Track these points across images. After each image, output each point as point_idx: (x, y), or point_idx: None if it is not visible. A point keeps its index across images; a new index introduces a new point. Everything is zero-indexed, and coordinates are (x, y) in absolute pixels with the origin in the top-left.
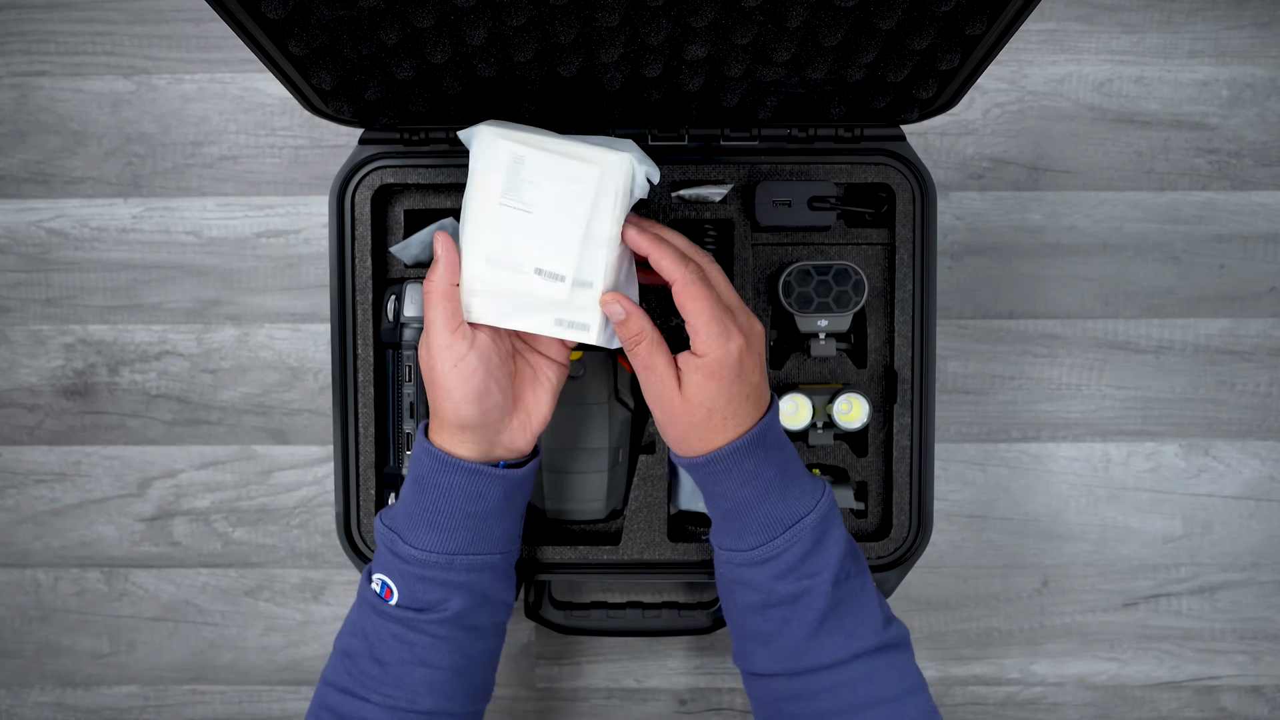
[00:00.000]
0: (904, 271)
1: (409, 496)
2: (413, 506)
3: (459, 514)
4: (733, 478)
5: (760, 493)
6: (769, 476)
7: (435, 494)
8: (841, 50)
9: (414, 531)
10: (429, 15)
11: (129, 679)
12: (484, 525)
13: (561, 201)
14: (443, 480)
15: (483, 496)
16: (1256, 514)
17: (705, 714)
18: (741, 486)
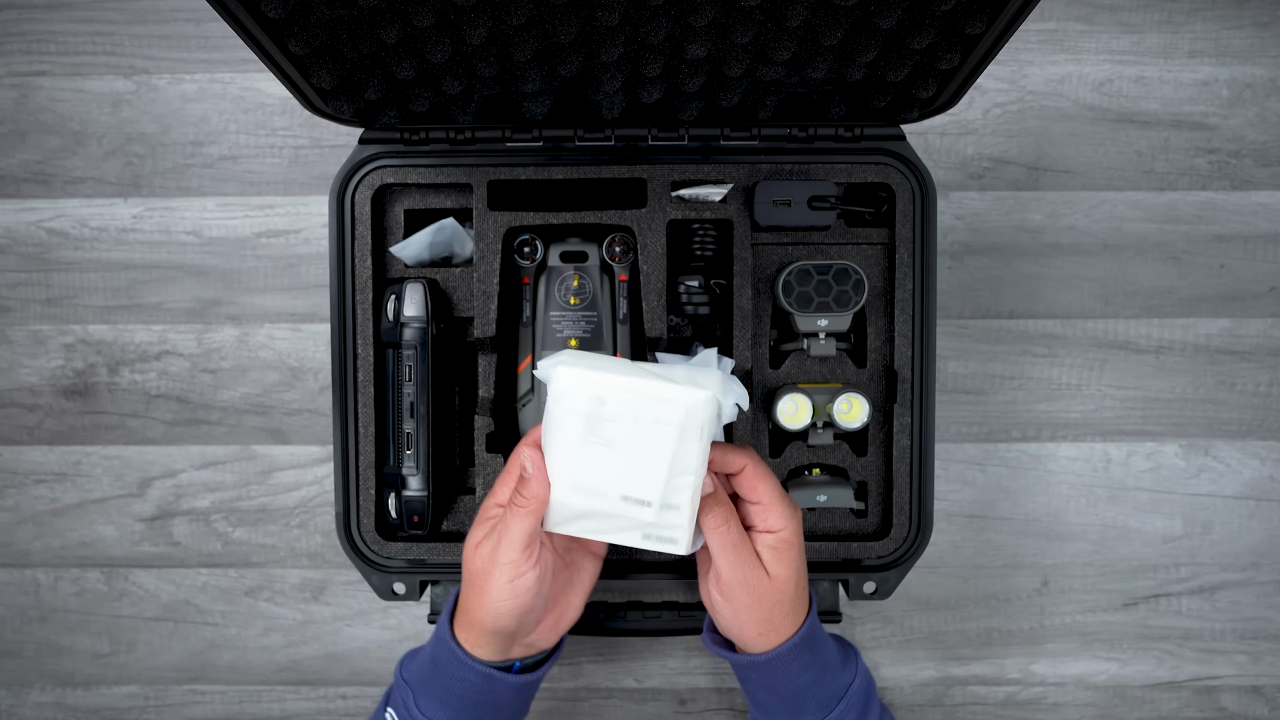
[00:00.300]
0: (904, 271)
1: (426, 664)
2: (429, 677)
3: (469, 701)
4: (794, 668)
5: (818, 677)
6: (825, 659)
7: (449, 680)
8: (841, 50)
9: (426, 699)
10: (429, 15)
11: (129, 679)
12: (492, 711)
13: (646, 440)
14: (457, 673)
15: (494, 693)
16: (1256, 514)
17: (705, 714)
18: (802, 674)
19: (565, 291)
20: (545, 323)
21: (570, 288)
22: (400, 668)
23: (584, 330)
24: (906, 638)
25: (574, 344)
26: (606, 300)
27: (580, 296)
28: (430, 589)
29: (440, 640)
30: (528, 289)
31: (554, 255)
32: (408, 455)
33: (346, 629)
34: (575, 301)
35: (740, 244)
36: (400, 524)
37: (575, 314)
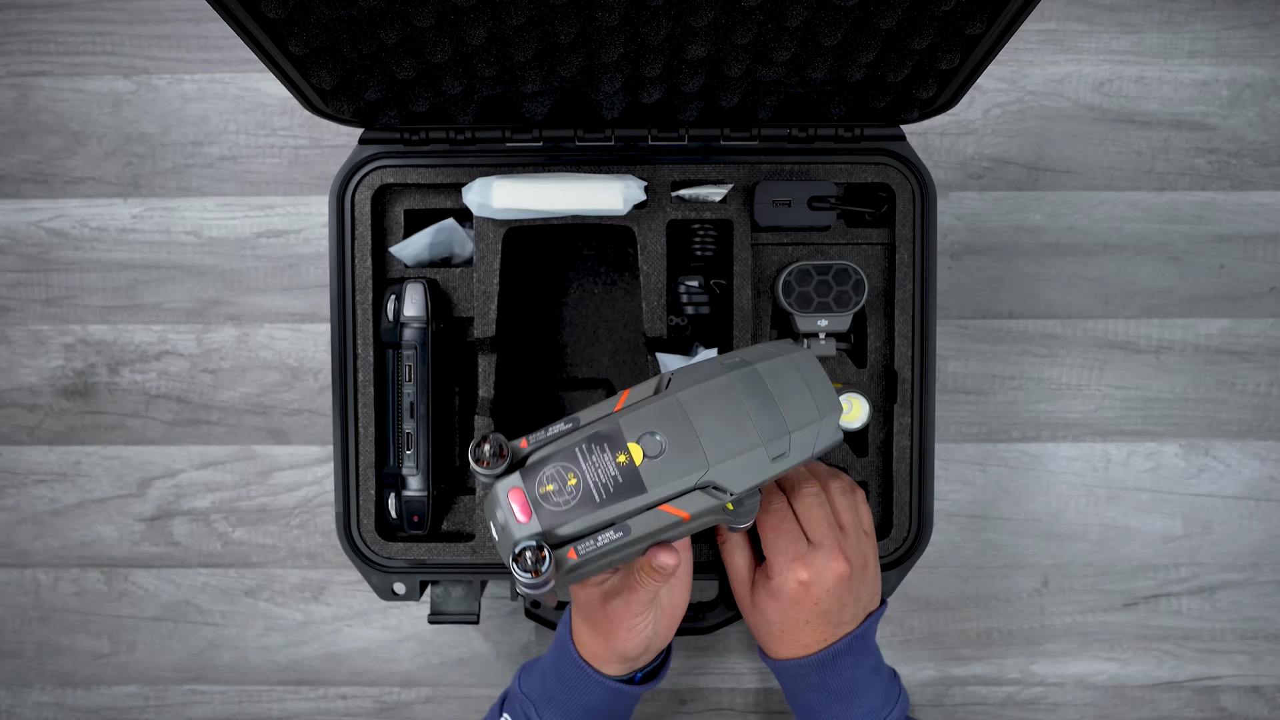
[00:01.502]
0: (904, 271)
1: (550, 680)
2: (554, 691)
3: (594, 712)
4: (798, 685)
5: (823, 702)
6: (835, 688)
7: (577, 694)
8: (841, 50)
9: (550, 712)
10: (429, 15)
11: (129, 679)
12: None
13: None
14: (585, 688)
15: (620, 705)
16: (1256, 514)
17: (705, 714)
18: (807, 693)
19: (567, 495)
20: (611, 505)
21: (556, 492)
22: (518, 680)
23: (603, 452)
24: (906, 638)
25: (625, 460)
26: (555, 440)
27: (566, 472)
28: (430, 589)
29: (567, 658)
30: (585, 548)
31: (522, 530)
32: (408, 455)
33: (346, 629)
34: (574, 478)
35: (740, 244)
36: (400, 524)
37: (585, 471)
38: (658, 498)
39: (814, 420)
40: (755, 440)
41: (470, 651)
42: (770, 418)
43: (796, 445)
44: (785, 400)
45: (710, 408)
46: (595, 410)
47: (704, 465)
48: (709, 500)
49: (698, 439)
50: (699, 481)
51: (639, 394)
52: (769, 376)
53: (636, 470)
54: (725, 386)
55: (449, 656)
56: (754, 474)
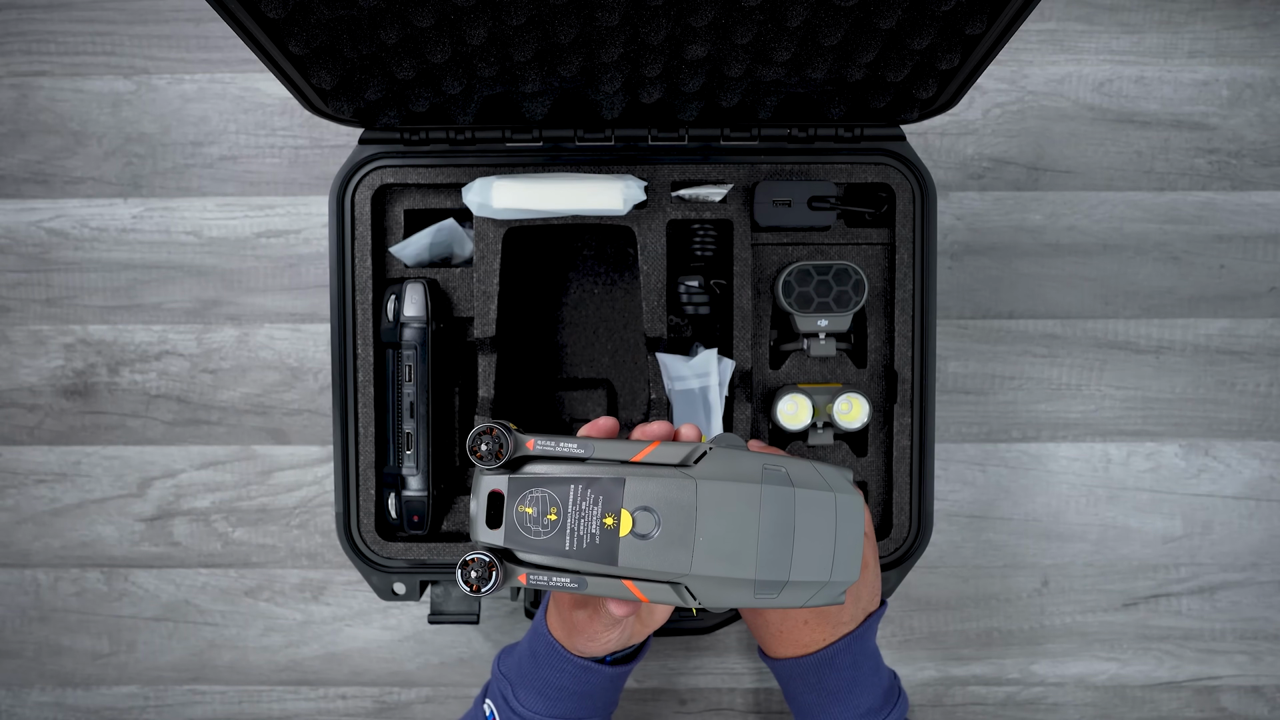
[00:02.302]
0: (904, 271)
1: (525, 658)
2: (528, 670)
3: (566, 691)
4: (796, 685)
5: (821, 701)
6: (833, 688)
7: (548, 672)
8: (841, 50)
9: (525, 691)
10: (429, 15)
11: (129, 679)
12: (588, 701)
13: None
14: (556, 664)
15: (590, 683)
16: (1256, 514)
17: (705, 714)
18: (806, 693)
19: (540, 527)
20: (579, 556)
21: (534, 519)
22: (498, 662)
23: (595, 502)
24: (906, 638)
25: (613, 523)
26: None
27: (548, 505)
28: (430, 589)
29: (539, 635)
30: (536, 580)
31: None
32: (408, 455)
33: (346, 629)
34: (555, 514)
35: (740, 244)
36: (400, 524)
37: (569, 512)
38: (624, 574)
39: (820, 581)
40: (747, 572)
41: (470, 651)
42: (776, 558)
43: (787, 594)
44: (803, 545)
45: (723, 515)
46: (613, 448)
47: (685, 570)
48: (673, 597)
49: (693, 541)
50: (671, 579)
51: (666, 454)
52: (802, 510)
53: (617, 541)
54: (750, 498)
55: (449, 656)
56: (730, 599)
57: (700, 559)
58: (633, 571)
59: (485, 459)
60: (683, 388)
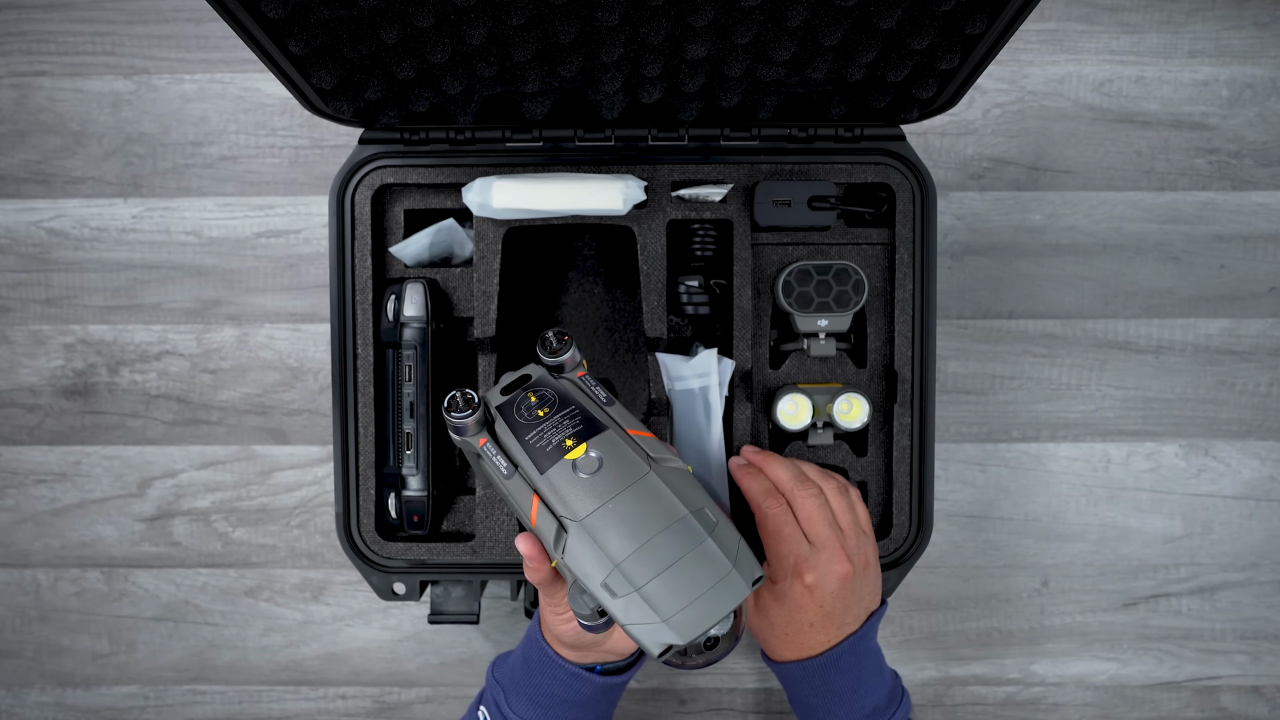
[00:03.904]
0: (904, 271)
1: (518, 665)
2: (520, 677)
3: (557, 699)
4: (801, 687)
5: (827, 703)
6: (838, 689)
7: (540, 679)
8: (841, 50)
9: (518, 698)
10: (429, 15)
11: (129, 679)
12: (578, 711)
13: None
14: (548, 671)
15: (580, 692)
16: (1256, 514)
17: (705, 714)
18: (811, 695)
19: (528, 413)
20: (529, 449)
21: (530, 405)
22: (492, 669)
23: (574, 427)
24: (906, 638)
25: (571, 445)
26: (578, 392)
27: (546, 404)
28: (430, 589)
29: (532, 642)
30: (488, 448)
31: (495, 398)
32: (408, 455)
33: (346, 629)
34: (544, 412)
35: (740, 244)
36: (400, 524)
37: (553, 419)
38: (539, 488)
39: (660, 614)
40: (616, 556)
41: (470, 651)
42: (644, 566)
43: (625, 604)
44: (672, 577)
45: (641, 505)
46: (625, 416)
47: (578, 516)
48: (549, 535)
49: (604, 503)
50: (561, 517)
51: (650, 445)
52: (696, 554)
53: (559, 459)
54: (670, 513)
55: (449, 656)
56: (583, 568)
57: (596, 518)
58: (546, 490)
59: (553, 348)
60: (683, 388)
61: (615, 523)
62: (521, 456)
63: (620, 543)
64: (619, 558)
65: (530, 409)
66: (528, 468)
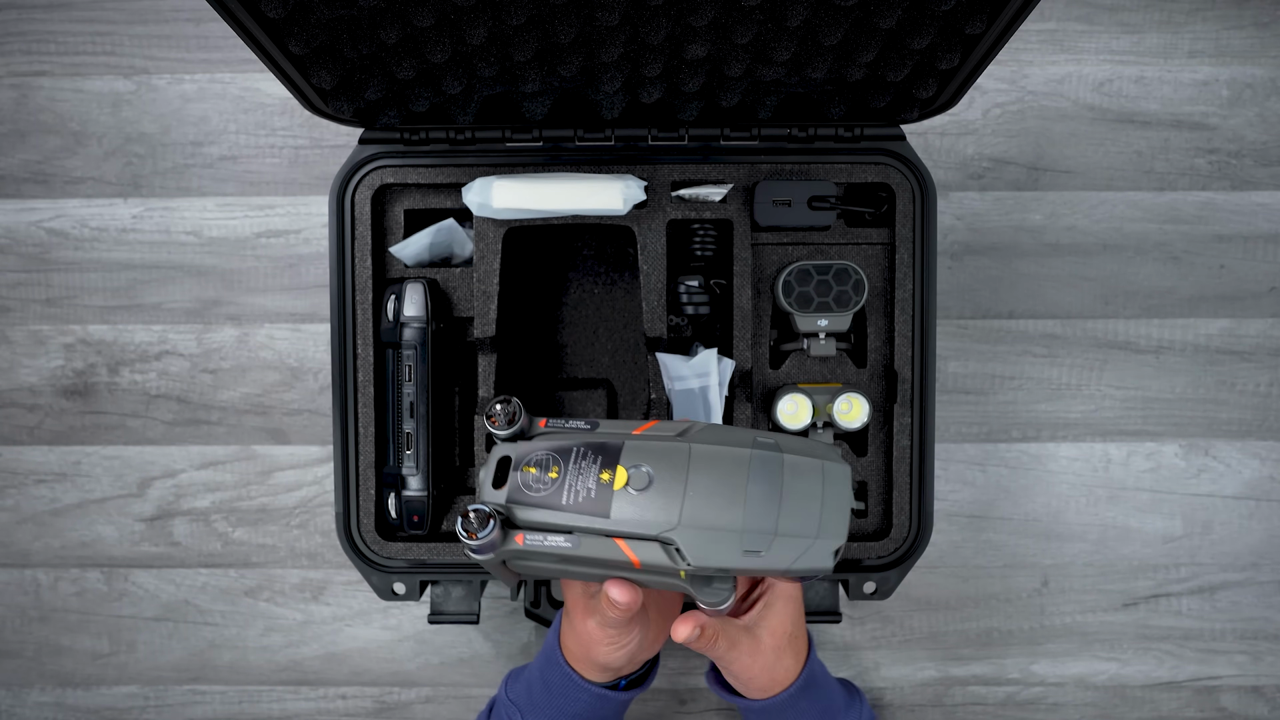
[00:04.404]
0: (904, 271)
1: (536, 686)
2: (540, 699)
3: (578, 719)
4: (792, 714)
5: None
6: (826, 705)
7: (562, 701)
8: (841, 50)
9: (535, 718)
10: (429, 14)
11: (129, 679)
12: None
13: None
14: (571, 694)
15: (604, 711)
16: (1256, 514)
17: (705, 714)
18: (800, 718)
19: (542, 484)
20: (575, 508)
21: (535, 477)
22: (505, 688)
23: (595, 462)
24: (906, 638)
25: (609, 477)
26: (562, 437)
27: (551, 465)
28: (430, 589)
29: (553, 664)
30: (533, 539)
31: (495, 496)
32: (408, 455)
33: (346, 629)
34: (556, 472)
35: (740, 244)
36: (400, 524)
37: (569, 471)
38: (616, 530)
39: (807, 536)
40: (735, 524)
41: (470, 651)
42: (763, 512)
43: (776, 551)
44: (791, 502)
45: (713, 472)
46: (617, 424)
47: (673, 523)
48: (663, 558)
49: (682, 495)
50: (661, 535)
51: (664, 428)
52: (790, 472)
53: (611, 494)
54: (740, 460)
55: (449, 656)
56: (718, 556)
57: (689, 511)
58: (624, 525)
59: (499, 424)
60: (683, 388)
61: (707, 503)
62: (573, 519)
63: (728, 513)
64: (739, 524)
65: (539, 480)
66: (588, 523)
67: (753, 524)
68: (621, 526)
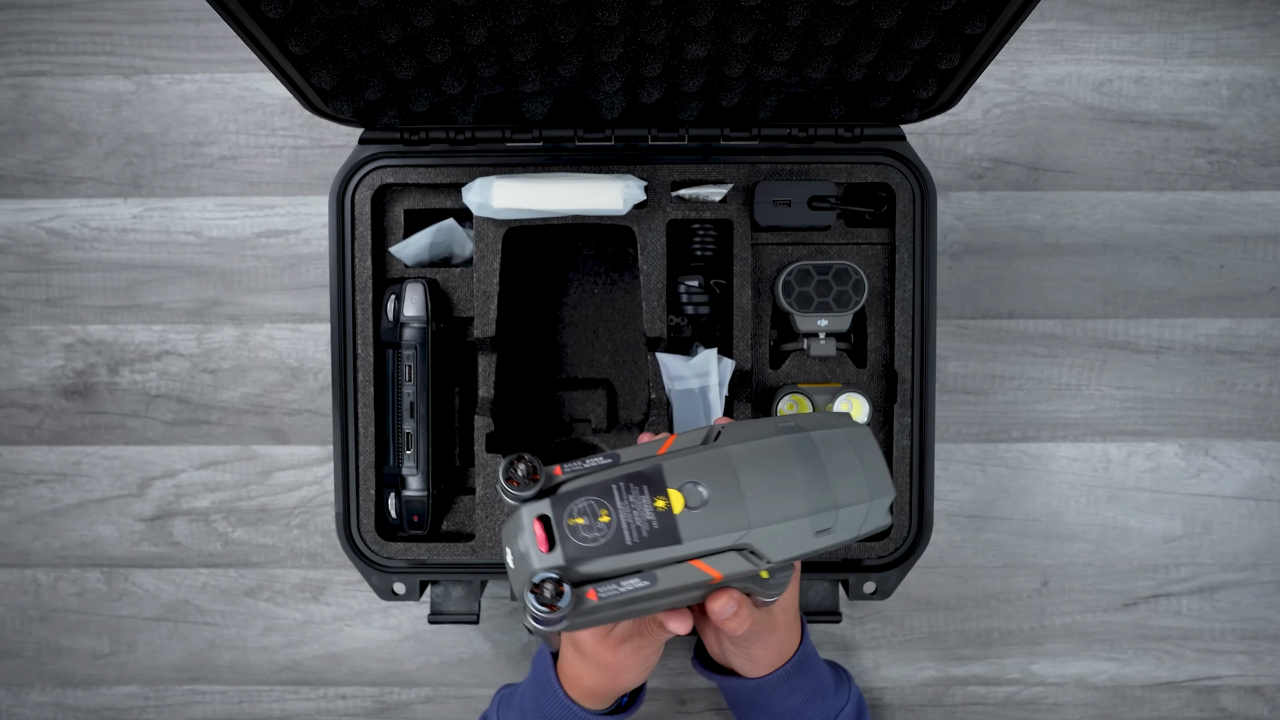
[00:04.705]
0: (904, 271)
1: (531, 713)
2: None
3: None
4: (783, 691)
5: (807, 699)
6: (816, 683)
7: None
8: (841, 50)
9: None
10: (429, 14)
11: (129, 679)
12: None
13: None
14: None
15: None
16: (1256, 514)
17: (705, 714)
18: (791, 696)
19: (595, 531)
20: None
21: (585, 528)
22: (498, 710)
23: (641, 493)
24: (906, 638)
25: (663, 504)
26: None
27: (598, 509)
28: (430, 589)
29: (551, 696)
30: (607, 589)
31: (547, 560)
32: (408, 455)
33: (346, 629)
34: (605, 515)
35: (740, 244)
36: (400, 524)
37: (619, 510)
38: (692, 551)
39: (864, 500)
40: (801, 509)
41: (470, 651)
42: (820, 490)
43: (843, 523)
44: (837, 474)
45: (760, 468)
46: (637, 450)
47: (745, 525)
48: (743, 564)
49: (743, 497)
50: (737, 542)
51: (686, 441)
52: (823, 447)
53: (674, 519)
54: (778, 449)
55: (449, 656)
56: (795, 545)
57: (755, 511)
58: (699, 545)
59: (522, 485)
60: (683, 388)
61: (769, 498)
62: (644, 557)
63: (791, 502)
64: (804, 509)
65: (591, 528)
66: (661, 556)
67: (815, 505)
68: (697, 547)
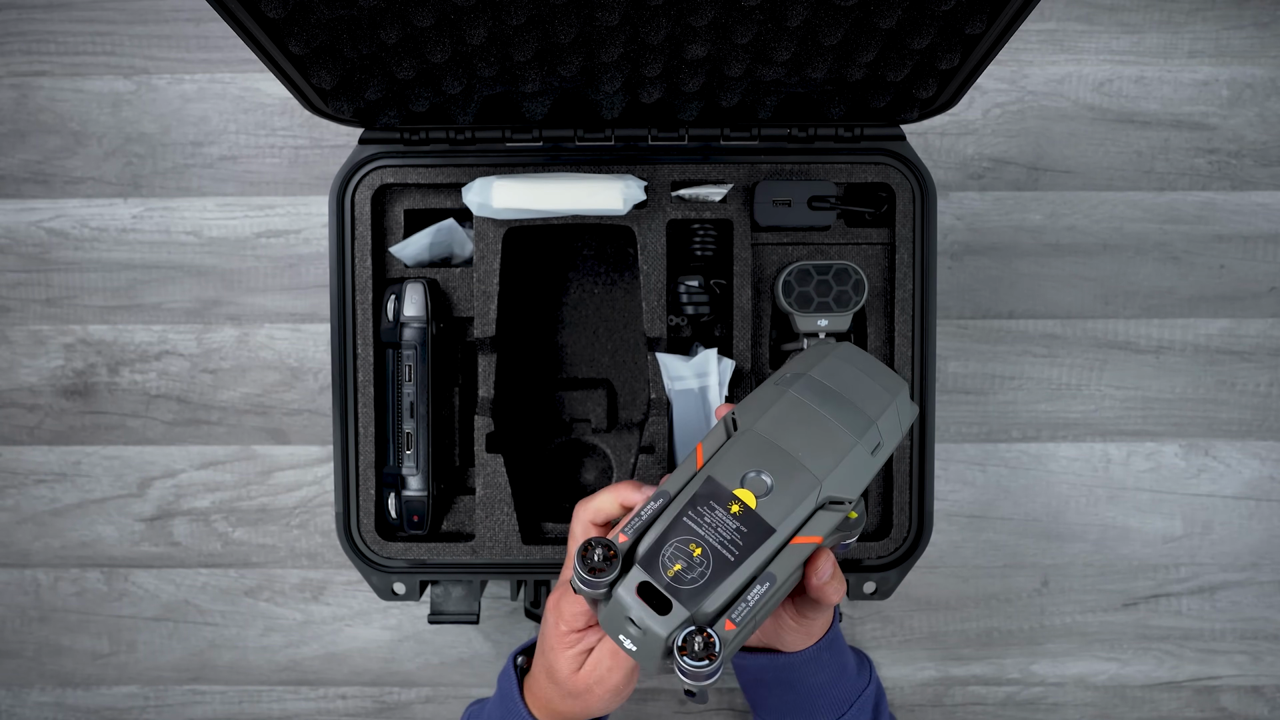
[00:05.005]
0: (904, 271)
1: None
2: None
3: None
4: (813, 667)
5: (834, 678)
6: (843, 662)
7: None
8: (841, 50)
9: None
10: (429, 14)
11: (129, 679)
12: None
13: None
14: None
15: None
16: (1256, 514)
17: (705, 714)
18: (820, 672)
19: (693, 565)
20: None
21: (683, 568)
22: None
23: (715, 509)
24: (906, 638)
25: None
26: (659, 511)
27: (688, 543)
28: (430, 589)
29: (516, 717)
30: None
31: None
32: (408, 455)
33: (346, 629)
34: (696, 548)
35: (740, 244)
36: (400, 524)
37: (702, 535)
38: (788, 533)
39: (889, 402)
40: (849, 440)
41: (470, 651)
42: (851, 415)
43: (885, 431)
44: (854, 394)
45: (793, 427)
46: (678, 476)
47: (816, 482)
48: (834, 516)
49: (798, 461)
50: (818, 501)
51: (713, 443)
52: (828, 378)
53: (756, 514)
54: (795, 403)
55: (449, 656)
56: (863, 472)
57: (815, 465)
58: (791, 524)
59: (606, 569)
60: (682, 388)
61: (817, 447)
62: (750, 563)
63: (835, 438)
64: (849, 440)
65: (692, 568)
66: (764, 552)
67: (857, 429)
68: (790, 526)
